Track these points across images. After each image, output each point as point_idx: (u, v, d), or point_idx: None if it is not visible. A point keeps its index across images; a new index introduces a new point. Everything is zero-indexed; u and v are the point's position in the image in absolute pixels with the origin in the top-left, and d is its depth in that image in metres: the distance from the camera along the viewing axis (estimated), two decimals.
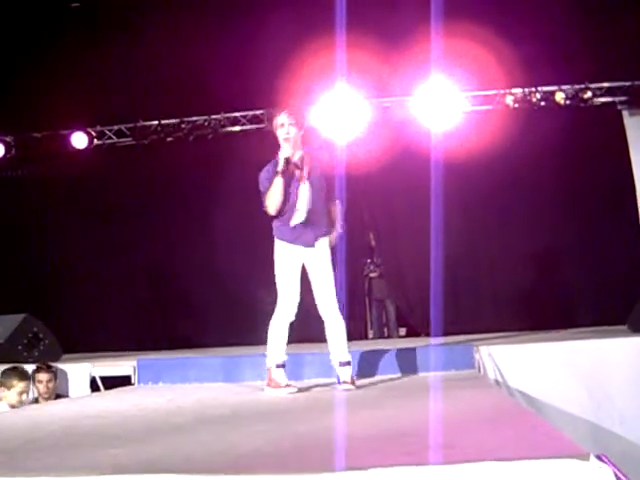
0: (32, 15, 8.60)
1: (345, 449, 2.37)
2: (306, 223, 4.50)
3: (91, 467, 2.28)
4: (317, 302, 4.55)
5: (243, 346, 7.26)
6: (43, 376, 5.32)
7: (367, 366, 5.39)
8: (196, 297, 8.89)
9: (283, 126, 4.47)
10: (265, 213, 4.57)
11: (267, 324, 4.61)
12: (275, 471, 2.12)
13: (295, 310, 4.53)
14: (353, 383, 4.51)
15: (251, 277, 8.13)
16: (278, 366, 4.53)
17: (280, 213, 4.50)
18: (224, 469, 2.18)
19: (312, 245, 4.52)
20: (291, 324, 4.57)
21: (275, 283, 4.58)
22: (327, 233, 4.59)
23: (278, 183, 4.40)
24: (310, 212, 4.51)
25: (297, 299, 4.52)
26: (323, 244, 4.55)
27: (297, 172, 4.49)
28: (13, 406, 5.03)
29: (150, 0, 8.49)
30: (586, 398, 5.14)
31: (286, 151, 4.44)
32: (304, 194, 4.50)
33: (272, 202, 4.44)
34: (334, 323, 4.51)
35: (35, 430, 3.31)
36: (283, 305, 4.52)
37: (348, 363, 4.52)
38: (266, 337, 4.62)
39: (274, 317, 4.56)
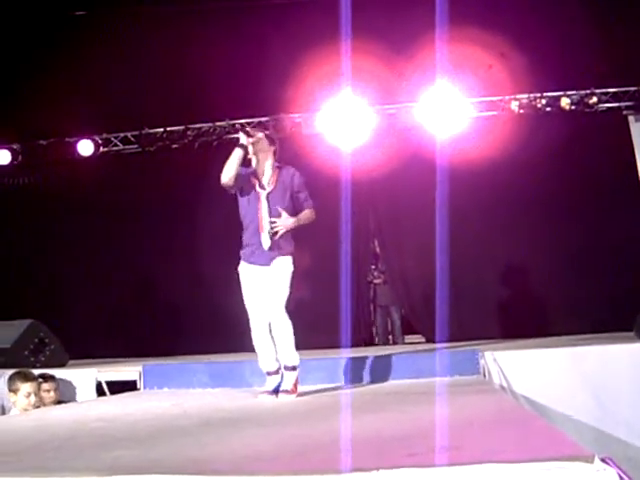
0: (38, 23, 8.64)
1: (349, 451, 2.37)
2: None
3: (95, 468, 2.28)
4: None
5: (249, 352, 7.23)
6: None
7: (372, 371, 5.39)
8: (206, 303, 8.87)
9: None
10: None
11: None
12: (279, 472, 2.12)
13: (264, 319, 4.47)
14: (294, 391, 4.48)
15: None
16: (269, 373, 4.59)
17: (231, 189, 4.56)
18: (228, 471, 2.18)
19: (267, 264, 4.49)
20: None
21: None
22: (287, 253, 4.52)
23: (237, 153, 4.50)
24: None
25: (262, 312, 4.47)
26: (279, 263, 4.48)
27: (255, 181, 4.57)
28: (24, 409, 5.01)
29: (156, 8, 8.53)
30: (592, 404, 5.11)
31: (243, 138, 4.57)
32: (264, 207, 4.51)
33: (225, 171, 4.52)
34: (277, 326, 4.45)
35: (41, 433, 3.31)
36: (250, 318, 4.54)
37: (293, 368, 4.50)
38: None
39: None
